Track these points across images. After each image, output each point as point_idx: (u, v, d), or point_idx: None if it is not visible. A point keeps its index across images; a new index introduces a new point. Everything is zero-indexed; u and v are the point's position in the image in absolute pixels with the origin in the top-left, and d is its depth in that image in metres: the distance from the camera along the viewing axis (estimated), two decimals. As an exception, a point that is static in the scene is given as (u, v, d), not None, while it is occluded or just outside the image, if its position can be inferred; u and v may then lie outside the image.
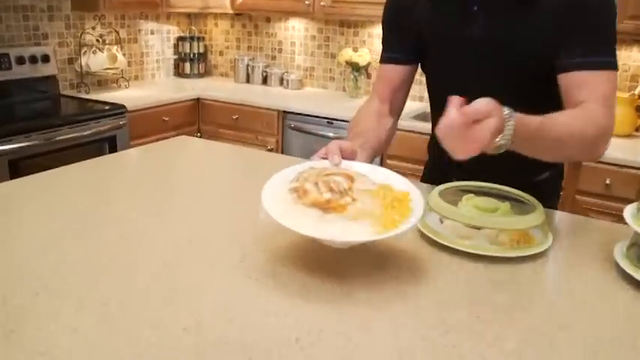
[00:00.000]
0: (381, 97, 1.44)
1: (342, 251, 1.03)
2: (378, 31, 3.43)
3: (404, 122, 2.91)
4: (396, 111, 1.46)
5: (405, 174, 1.12)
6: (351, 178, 1.03)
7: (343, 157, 1.12)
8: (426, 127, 2.85)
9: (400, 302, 0.90)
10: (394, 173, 1.09)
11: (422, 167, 1.66)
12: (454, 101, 0.92)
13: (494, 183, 1.25)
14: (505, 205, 1.14)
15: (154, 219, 1.18)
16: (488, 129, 0.91)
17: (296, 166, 1.09)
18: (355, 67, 3.40)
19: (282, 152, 3.30)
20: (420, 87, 3.38)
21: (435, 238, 1.10)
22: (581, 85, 1.15)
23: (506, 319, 0.87)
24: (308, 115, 3.18)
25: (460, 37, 1.28)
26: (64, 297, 0.87)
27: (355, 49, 3.43)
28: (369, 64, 3.39)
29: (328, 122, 3.11)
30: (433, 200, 1.16)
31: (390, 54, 1.43)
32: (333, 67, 3.68)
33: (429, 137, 1.57)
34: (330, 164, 1.10)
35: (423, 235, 1.13)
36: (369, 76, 3.48)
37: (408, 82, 1.45)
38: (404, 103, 1.48)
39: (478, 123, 0.91)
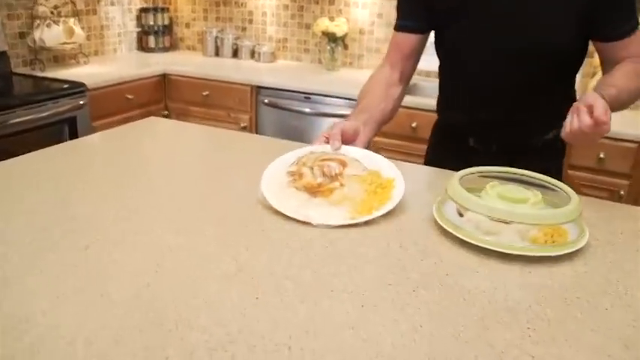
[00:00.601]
0: (392, 64, 1.44)
1: (348, 248, 0.93)
2: (355, -1, 3.25)
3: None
4: (406, 78, 1.47)
5: (389, 150, 1.09)
6: (344, 164, 1.12)
7: (345, 140, 1.21)
8: (412, 100, 2.72)
9: (435, 319, 0.74)
10: (386, 160, 1.15)
11: (405, 143, 1.62)
12: (581, 109, 1.03)
13: (506, 144, 1.39)
14: (535, 195, 0.99)
15: (126, 223, 1.00)
16: (609, 125, 1.02)
17: (297, 150, 1.19)
18: (332, 38, 3.21)
19: (257, 130, 3.11)
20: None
21: (459, 235, 0.95)
22: (623, 49, 1.26)
23: (562, 337, 0.72)
24: (283, 90, 2.98)
25: (482, 13, 1.27)
26: (16, 332, 0.69)
27: (332, 19, 3.24)
28: (346, 34, 3.21)
29: (305, 97, 2.93)
30: (453, 189, 1.01)
31: (404, 22, 1.42)
32: (307, 38, 3.47)
33: (413, 112, 1.63)
34: (331, 149, 1.18)
35: (443, 231, 0.98)
36: (346, 47, 3.29)
37: (419, 51, 1.45)
38: (414, 70, 1.49)
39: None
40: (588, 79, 2.72)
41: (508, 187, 1.01)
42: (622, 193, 2.38)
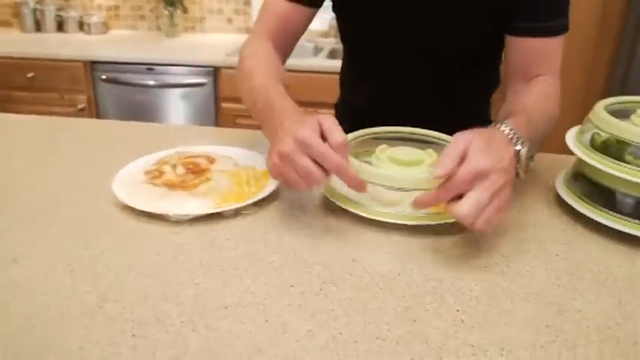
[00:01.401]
0: (274, 40, 1.12)
1: (229, 245, 0.74)
2: (189, -44, 2.99)
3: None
4: (284, 59, 1.17)
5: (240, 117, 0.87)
6: (212, 160, 1.01)
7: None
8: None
9: (355, 321, 0.62)
10: (260, 155, 1.01)
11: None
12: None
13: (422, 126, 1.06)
14: (430, 155, 0.90)
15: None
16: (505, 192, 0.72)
17: (163, 152, 1.05)
18: (169, 2, 2.94)
19: (97, 109, 2.80)
20: (244, 17, 3.05)
21: (355, 211, 0.84)
22: (539, 54, 1.05)
23: (495, 316, 0.64)
24: (121, 63, 2.69)
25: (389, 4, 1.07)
26: None
27: (165, -20, 2.97)
28: (184, -5, 2.96)
29: (148, 69, 2.67)
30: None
31: None
32: (142, 3, 3.16)
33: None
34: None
35: (337, 209, 0.86)
36: (185, 10, 3.04)
37: (305, 28, 1.16)
38: (292, 50, 1.19)
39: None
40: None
41: (400, 149, 0.92)
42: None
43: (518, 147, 0.77)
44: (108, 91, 2.76)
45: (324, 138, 0.74)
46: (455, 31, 1.08)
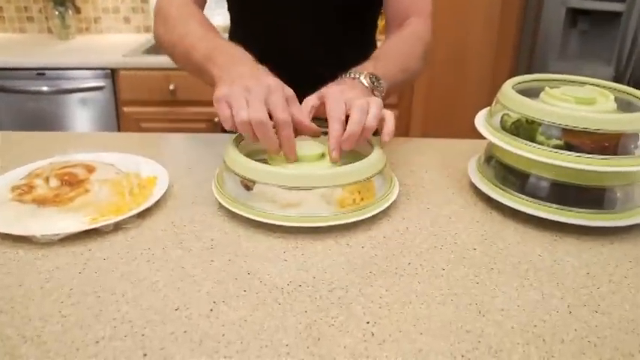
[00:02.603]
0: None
1: (108, 264, 0.62)
2: (77, -49, 2.79)
3: (136, 59, 2.44)
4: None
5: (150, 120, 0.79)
6: (90, 169, 0.88)
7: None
8: (162, 61, 2.42)
9: (253, 344, 0.53)
10: (148, 160, 0.93)
11: (168, 109, 1.28)
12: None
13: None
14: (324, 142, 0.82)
15: None
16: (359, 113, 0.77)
17: (33, 163, 0.92)
18: (58, 1, 2.73)
19: (-14, 121, 2.56)
20: (142, 15, 2.89)
21: (249, 216, 0.75)
22: (409, 2, 1.09)
23: (409, 324, 0.56)
24: (9, 69, 2.47)
25: None
26: None
27: (53, -22, 2.75)
28: (75, -6, 2.76)
29: (38, 74, 2.46)
30: (231, 156, 0.79)
31: None
32: (28, 4, 2.92)
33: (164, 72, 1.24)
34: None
35: (231, 214, 0.77)
36: (78, 10, 2.83)
37: None
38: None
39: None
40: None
41: (299, 144, 0.83)
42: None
43: (361, 79, 0.87)
44: (-3, 100, 2.53)
45: None
46: None
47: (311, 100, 0.82)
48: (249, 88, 0.74)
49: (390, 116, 0.80)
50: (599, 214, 0.77)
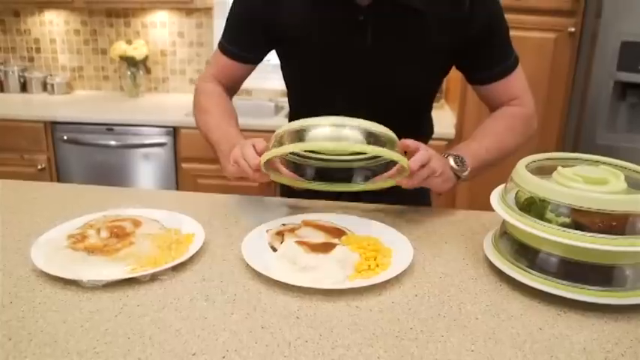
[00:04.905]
0: (221, 82, 1.27)
1: (143, 311, 0.70)
2: (152, 19, 3.04)
3: (279, 120, 2.58)
4: (231, 97, 1.32)
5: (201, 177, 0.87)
6: (137, 223, 0.97)
7: None
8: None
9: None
10: (189, 218, 1.01)
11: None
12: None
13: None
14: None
15: None
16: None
17: (88, 215, 1.02)
18: (131, 63, 2.96)
19: (58, 170, 2.76)
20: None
21: (270, 275, 0.81)
22: (504, 90, 1.18)
23: None
24: (81, 124, 2.68)
25: (343, 47, 1.13)
26: None
27: (129, 42, 2.99)
28: (146, 57, 2.99)
29: (108, 129, 2.66)
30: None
31: (236, 49, 1.22)
32: (105, 64, 3.18)
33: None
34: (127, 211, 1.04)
35: (256, 274, 0.84)
36: (148, 71, 3.07)
37: (244, 78, 1.30)
38: (237, 91, 1.34)
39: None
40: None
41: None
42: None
43: (449, 159, 1.05)
44: (68, 151, 2.73)
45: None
46: (398, 88, 1.17)
47: (411, 143, 0.98)
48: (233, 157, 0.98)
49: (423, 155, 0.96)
50: (606, 291, 0.79)
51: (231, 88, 1.29)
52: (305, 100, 1.30)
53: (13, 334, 0.69)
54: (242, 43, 1.21)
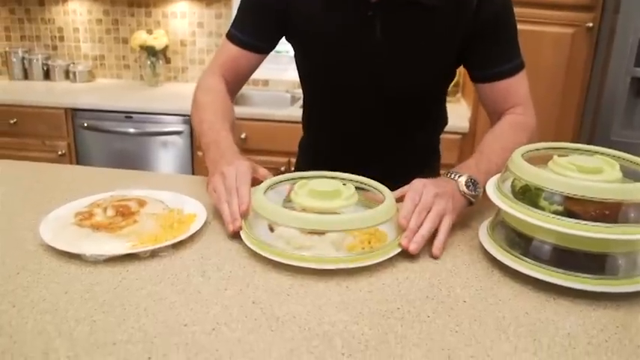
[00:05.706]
0: (226, 78, 1.26)
1: (140, 285, 0.73)
2: (173, 9, 3.08)
3: (295, 110, 2.62)
4: (234, 94, 1.30)
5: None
6: (142, 203, 1.00)
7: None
8: (236, 111, 2.59)
9: (232, 364, 0.61)
10: (193, 200, 1.04)
11: None
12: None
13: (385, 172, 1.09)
14: (349, 188, 0.91)
15: None
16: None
17: (98, 195, 1.05)
18: (151, 52, 3.01)
19: (77, 156, 2.82)
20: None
21: (265, 254, 0.84)
22: (505, 93, 1.17)
23: (380, 358, 0.63)
24: (101, 111, 2.74)
25: (352, 42, 1.15)
26: None
27: (149, 32, 3.04)
28: (166, 47, 3.03)
29: (126, 117, 2.71)
30: (257, 202, 0.89)
31: (246, 37, 1.23)
32: (126, 53, 3.24)
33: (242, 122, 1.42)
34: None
35: (253, 253, 0.86)
36: (168, 60, 3.11)
37: (253, 70, 1.28)
38: (242, 85, 1.33)
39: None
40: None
41: (319, 181, 0.92)
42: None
43: (459, 180, 0.97)
44: (88, 138, 2.79)
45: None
46: (407, 82, 1.19)
47: (395, 193, 0.94)
48: (223, 174, 0.97)
49: (445, 227, 0.90)
50: (599, 279, 0.80)
51: (236, 82, 1.28)
52: (316, 93, 1.33)
53: (17, 301, 0.73)
54: (254, 32, 1.22)
